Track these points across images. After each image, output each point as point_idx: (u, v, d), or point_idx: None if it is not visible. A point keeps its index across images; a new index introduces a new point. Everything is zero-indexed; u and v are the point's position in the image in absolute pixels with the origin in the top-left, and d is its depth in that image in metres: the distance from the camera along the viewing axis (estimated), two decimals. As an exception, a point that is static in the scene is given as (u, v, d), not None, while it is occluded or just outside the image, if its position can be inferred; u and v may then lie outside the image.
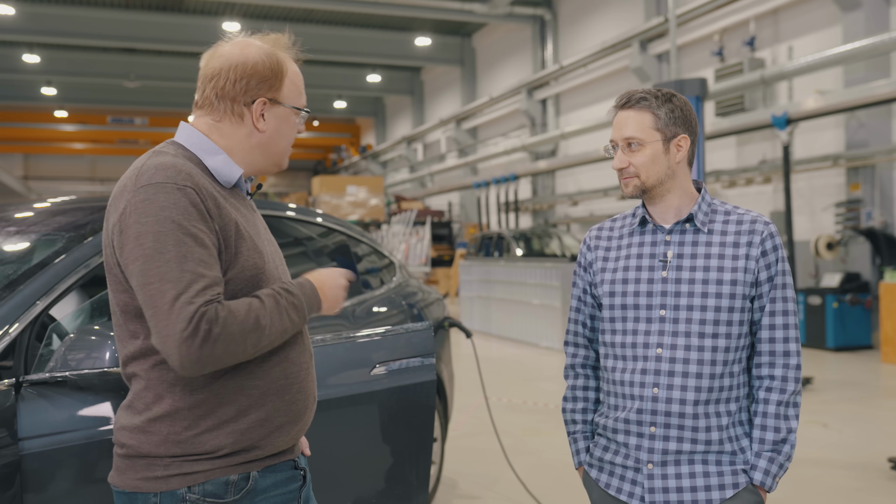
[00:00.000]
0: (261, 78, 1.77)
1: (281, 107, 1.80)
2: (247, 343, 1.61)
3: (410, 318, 3.92)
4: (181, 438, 1.66)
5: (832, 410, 6.78)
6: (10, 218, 2.81)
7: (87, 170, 34.98)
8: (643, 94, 1.99)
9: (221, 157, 1.77)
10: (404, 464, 3.01)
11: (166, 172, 1.64)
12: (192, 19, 20.02)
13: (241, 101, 1.78)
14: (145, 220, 1.60)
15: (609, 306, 2.05)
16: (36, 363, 2.18)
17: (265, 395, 1.74)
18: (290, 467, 1.83)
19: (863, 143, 10.60)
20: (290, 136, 1.85)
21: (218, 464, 1.68)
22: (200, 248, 1.60)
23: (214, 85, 1.77)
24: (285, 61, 1.82)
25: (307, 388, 1.85)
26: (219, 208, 1.68)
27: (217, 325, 1.56)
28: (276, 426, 1.75)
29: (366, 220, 22.18)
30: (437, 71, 25.70)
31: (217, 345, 1.56)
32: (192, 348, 1.54)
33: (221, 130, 1.79)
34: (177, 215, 1.60)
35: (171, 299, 1.55)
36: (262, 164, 1.84)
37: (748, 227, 1.97)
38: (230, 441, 1.69)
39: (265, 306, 1.66)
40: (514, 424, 6.35)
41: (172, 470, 1.66)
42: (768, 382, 1.97)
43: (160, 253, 1.58)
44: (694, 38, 13.98)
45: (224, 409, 1.69)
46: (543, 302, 11.09)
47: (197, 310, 1.55)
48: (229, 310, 1.59)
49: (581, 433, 2.15)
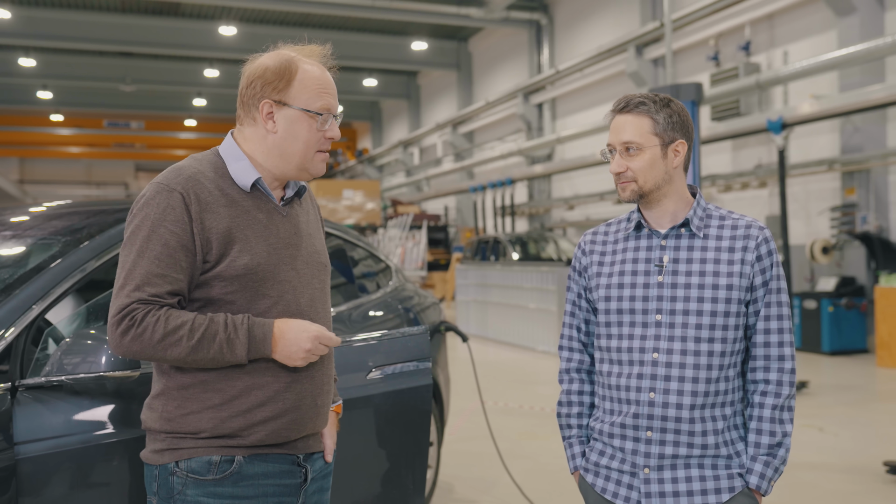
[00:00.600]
0: (265, 81, 1.85)
1: (289, 108, 1.85)
2: (166, 353, 1.74)
3: (407, 322, 3.92)
4: (171, 416, 1.81)
5: (828, 414, 6.79)
6: (7, 222, 2.81)
7: (82, 173, 34.93)
8: (642, 98, 1.99)
9: (243, 162, 1.87)
10: (401, 468, 3.01)
11: (169, 174, 1.82)
12: (188, 23, 20.02)
13: (253, 105, 1.87)
14: (135, 213, 1.80)
15: (605, 311, 2.05)
16: (32, 367, 2.17)
17: (250, 389, 1.81)
18: (288, 462, 1.88)
19: (858, 148, 10.63)
20: (307, 139, 1.87)
21: (200, 443, 1.80)
22: (161, 247, 1.75)
23: (239, 92, 1.90)
24: (297, 64, 1.87)
25: (304, 391, 1.87)
26: (212, 213, 1.78)
27: (138, 326, 1.71)
28: (257, 420, 1.82)
29: (362, 223, 22.14)
30: (434, 75, 25.72)
31: (133, 343, 1.72)
32: (114, 335, 1.73)
33: (244, 135, 1.91)
34: (155, 214, 1.77)
35: (119, 286, 1.75)
36: (285, 167, 1.90)
37: (743, 231, 1.98)
38: (210, 426, 1.80)
39: (201, 330, 1.74)
40: (510, 428, 6.35)
41: (166, 444, 1.82)
42: (763, 387, 1.97)
43: (130, 243, 1.78)
44: (690, 43, 14.02)
45: (209, 395, 1.80)
46: (539, 306, 11.10)
47: (129, 304, 1.72)
48: (160, 318, 1.72)
49: (576, 438, 2.15)
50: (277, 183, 1.92)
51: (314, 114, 1.86)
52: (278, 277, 1.84)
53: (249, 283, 1.80)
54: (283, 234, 1.89)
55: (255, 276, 1.81)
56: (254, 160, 1.88)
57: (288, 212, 1.93)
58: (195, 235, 1.76)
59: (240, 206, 1.83)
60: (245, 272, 1.79)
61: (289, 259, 1.87)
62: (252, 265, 1.80)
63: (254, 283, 1.81)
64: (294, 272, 1.88)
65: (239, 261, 1.79)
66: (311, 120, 1.86)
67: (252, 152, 1.88)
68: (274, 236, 1.86)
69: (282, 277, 1.85)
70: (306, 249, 1.94)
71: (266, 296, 1.83)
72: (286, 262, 1.87)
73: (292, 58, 1.88)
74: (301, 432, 1.89)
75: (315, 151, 1.89)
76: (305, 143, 1.87)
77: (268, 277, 1.82)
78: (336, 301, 3.61)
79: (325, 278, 2.00)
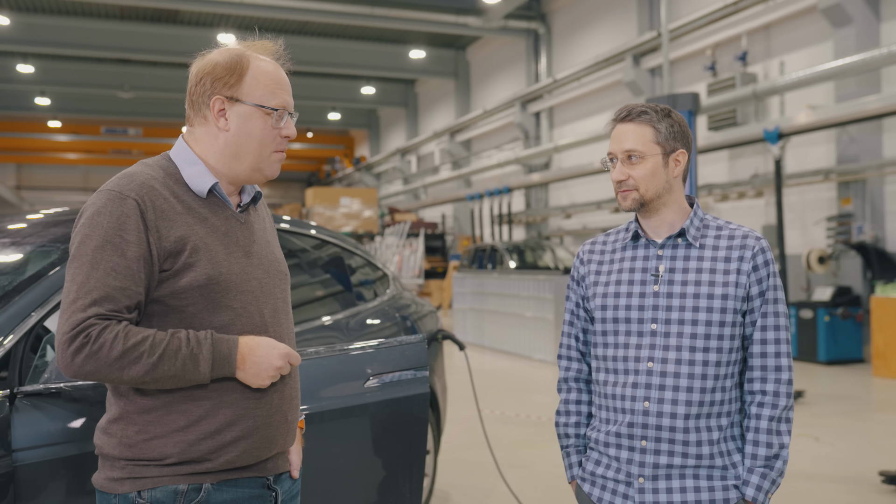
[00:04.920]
0: (216, 76, 1.75)
1: (242, 104, 1.75)
2: (123, 373, 1.60)
3: (404, 330, 3.92)
4: (132, 442, 1.68)
5: (824, 424, 6.80)
6: (5, 229, 2.81)
7: (80, 180, 34.92)
8: (643, 108, 2.00)
9: (198, 167, 1.77)
10: (397, 476, 3.01)
11: (120, 181, 1.70)
12: (186, 31, 20.06)
13: (204, 103, 1.77)
14: (82, 223, 1.67)
15: (601, 320, 2.06)
16: (30, 374, 2.18)
17: (217, 408, 1.70)
18: (258, 485, 1.78)
19: (854, 158, 10.67)
20: (262, 136, 1.77)
21: (166, 471, 1.68)
22: (118, 258, 1.62)
23: (188, 92, 1.80)
24: (248, 59, 1.78)
25: (274, 406, 1.78)
26: (168, 221, 1.68)
27: (94, 343, 1.57)
28: (228, 441, 1.71)
29: (359, 231, 22.16)
30: (432, 83, 25.78)
31: (88, 361, 1.58)
32: (65, 355, 1.58)
33: (195, 136, 1.80)
34: (107, 223, 1.64)
35: (70, 301, 1.60)
36: (239, 168, 1.78)
37: (739, 241, 1.98)
38: (177, 451, 1.67)
39: (162, 346, 1.62)
40: (506, 437, 6.35)
41: (126, 472, 1.68)
42: (760, 397, 1.97)
43: (80, 255, 1.63)
44: (687, 53, 14.08)
45: (173, 417, 1.68)
46: (536, 314, 11.10)
47: (84, 320, 1.58)
48: (119, 334, 1.59)
49: (574, 447, 2.15)
50: (233, 188, 1.82)
51: (269, 110, 1.76)
52: (241, 287, 1.74)
53: (210, 293, 1.70)
54: (242, 242, 1.79)
55: (218, 286, 1.70)
56: (207, 163, 1.77)
57: (245, 219, 1.83)
58: (151, 245, 1.65)
59: (196, 213, 1.73)
60: (207, 282, 1.68)
61: (249, 268, 1.78)
62: (214, 275, 1.69)
63: (215, 293, 1.70)
64: (256, 282, 1.78)
65: (199, 271, 1.68)
66: (266, 117, 1.76)
67: (204, 154, 1.78)
68: (233, 244, 1.76)
69: (244, 288, 1.75)
70: (266, 258, 1.84)
71: (228, 307, 1.72)
72: (247, 271, 1.77)
73: (243, 52, 1.78)
74: (272, 450, 1.79)
75: (271, 151, 1.79)
76: (260, 141, 1.77)
77: (230, 288, 1.72)
78: (333, 309, 3.62)
79: (286, 287, 1.91)
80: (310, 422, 2.58)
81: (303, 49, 20.56)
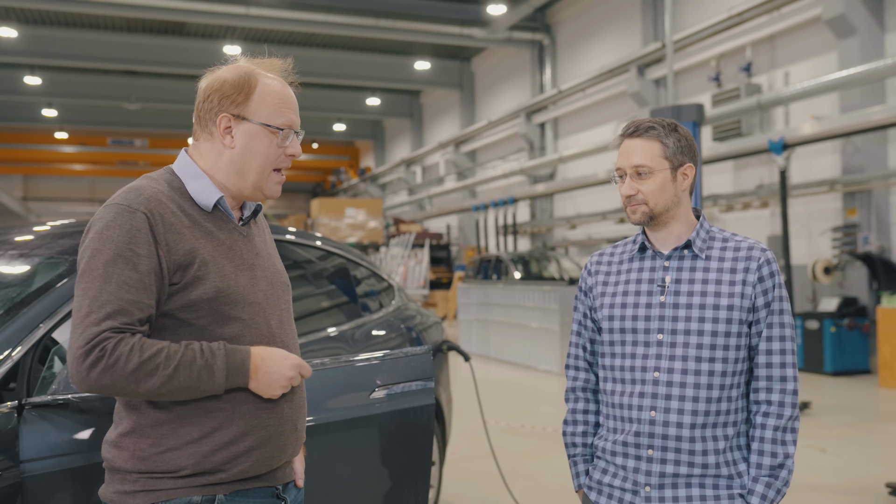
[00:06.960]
0: (223, 94, 1.78)
1: (248, 123, 1.78)
2: (139, 385, 1.60)
3: (409, 341, 3.93)
4: (145, 455, 1.68)
5: (830, 435, 6.77)
6: (13, 241, 2.83)
7: (86, 191, 35.05)
8: (651, 123, 2.02)
9: (203, 181, 1.79)
10: (403, 487, 3.01)
11: (128, 194, 1.70)
12: (193, 42, 20.17)
13: (210, 119, 1.79)
14: (92, 237, 1.67)
15: (608, 330, 2.08)
16: (38, 386, 2.19)
17: (231, 419, 1.72)
18: (268, 495, 1.80)
19: (859, 169, 10.67)
20: (266, 154, 1.80)
21: (180, 483, 1.68)
22: (130, 271, 1.63)
23: (195, 107, 1.83)
24: (256, 77, 1.80)
25: (285, 415, 1.81)
26: (177, 234, 1.69)
27: (110, 357, 1.57)
28: (241, 451, 1.73)
29: (364, 242, 22.20)
30: (437, 94, 25.85)
31: (104, 375, 1.58)
32: (80, 369, 1.58)
33: (200, 151, 1.82)
34: (118, 236, 1.64)
35: (83, 315, 1.60)
36: (241, 185, 1.81)
37: (745, 253, 2.00)
38: (191, 462, 1.68)
39: (178, 357, 1.63)
40: (512, 448, 6.34)
41: (139, 486, 1.68)
42: (765, 408, 1.98)
43: (91, 269, 1.63)
44: (691, 64, 14.10)
45: (187, 429, 1.69)
46: (542, 325, 11.09)
47: (99, 334, 1.58)
48: (134, 346, 1.59)
49: (581, 456, 2.17)
50: (235, 202, 1.85)
51: (275, 129, 1.79)
52: (248, 299, 1.77)
53: (220, 306, 1.72)
54: (246, 255, 1.82)
55: (227, 299, 1.73)
56: (212, 178, 1.80)
57: (247, 232, 1.87)
58: (161, 258, 1.66)
59: (202, 226, 1.76)
60: (216, 295, 1.71)
61: (255, 280, 1.81)
62: (223, 288, 1.72)
63: (224, 306, 1.72)
64: (262, 293, 1.82)
65: (209, 284, 1.70)
66: (272, 136, 1.79)
67: (208, 169, 1.80)
68: (238, 257, 1.80)
69: (251, 299, 1.78)
70: (269, 269, 1.88)
71: (237, 319, 1.75)
72: (253, 283, 1.80)
73: (251, 70, 1.80)
74: (282, 459, 1.82)
75: (272, 169, 1.81)
76: (264, 159, 1.79)
77: (238, 300, 1.75)
78: (339, 320, 3.63)
79: (288, 298, 1.94)
80: (316, 433, 2.59)
81: (308, 60, 20.64)
